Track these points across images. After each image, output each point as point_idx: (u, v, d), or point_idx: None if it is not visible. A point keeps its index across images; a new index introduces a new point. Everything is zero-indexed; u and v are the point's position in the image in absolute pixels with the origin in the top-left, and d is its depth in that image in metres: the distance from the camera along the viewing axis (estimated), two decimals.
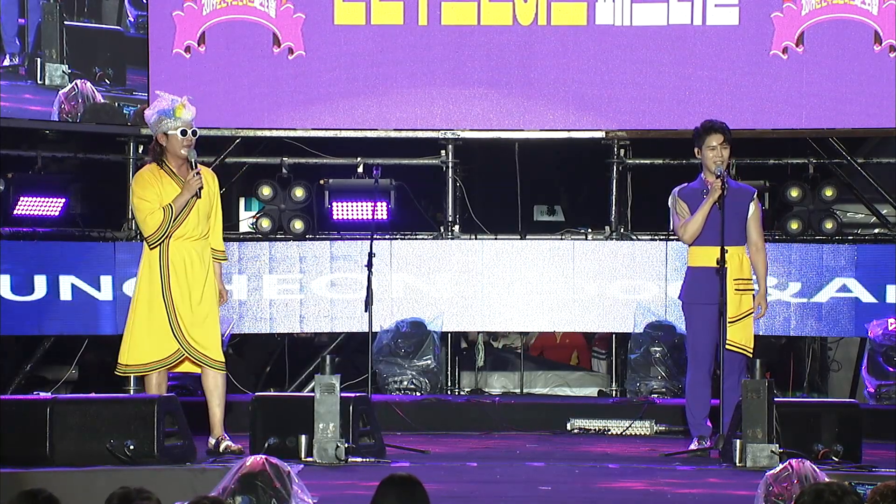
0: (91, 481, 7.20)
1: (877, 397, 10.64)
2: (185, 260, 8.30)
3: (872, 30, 11.13)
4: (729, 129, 8.76)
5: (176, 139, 8.34)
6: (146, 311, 8.28)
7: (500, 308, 11.25)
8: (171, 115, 8.32)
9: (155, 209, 8.23)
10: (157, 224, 8.22)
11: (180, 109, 8.36)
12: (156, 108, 8.41)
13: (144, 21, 11.29)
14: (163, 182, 8.31)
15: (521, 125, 11.33)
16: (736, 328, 8.60)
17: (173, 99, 8.39)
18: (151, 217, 8.22)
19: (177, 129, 8.33)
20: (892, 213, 11.63)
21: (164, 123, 8.34)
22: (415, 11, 11.25)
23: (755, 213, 8.74)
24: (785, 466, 5.71)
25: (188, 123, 8.35)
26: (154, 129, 8.40)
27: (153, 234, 8.24)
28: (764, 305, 8.76)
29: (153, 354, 8.30)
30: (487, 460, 8.51)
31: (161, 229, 8.23)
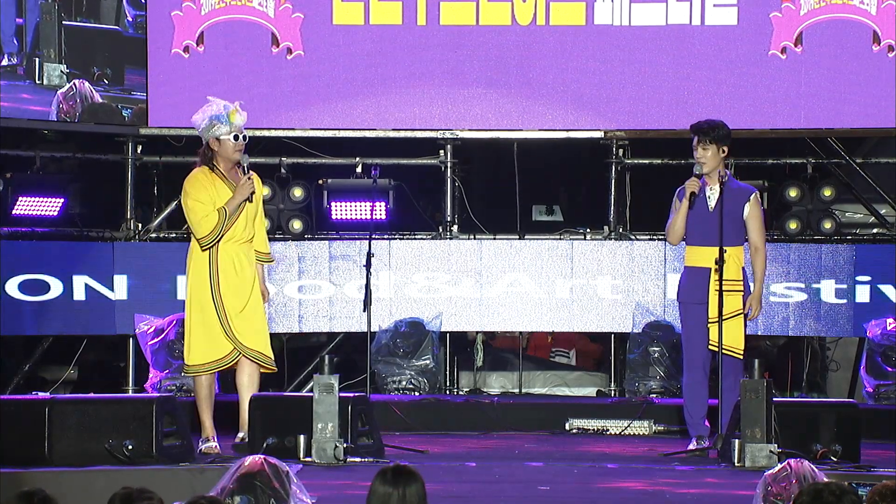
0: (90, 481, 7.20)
1: (875, 397, 10.65)
2: (235, 262, 8.41)
3: (871, 30, 11.13)
4: (713, 129, 8.71)
5: (228, 143, 8.46)
6: (200, 313, 8.38)
7: (499, 308, 11.25)
8: (225, 121, 8.45)
9: (210, 211, 8.34)
10: (211, 226, 8.33)
11: (234, 115, 8.50)
12: (207, 113, 8.52)
13: (143, 21, 11.29)
14: (215, 185, 8.42)
15: (520, 125, 11.33)
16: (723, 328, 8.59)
17: (225, 104, 8.52)
18: (206, 219, 8.33)
19: (229, 134, 8.47)
20: (891, 213, 11.63)
21: (216, 128, 8.46)
22: (413, 11, 11.24)
23: (751, 213, 8.69)
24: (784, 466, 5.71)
25: (240, 128, 8.48)
26: (204, 133, 8.52)
27: (207, 236, 8.35)
28: (756, 307, 8.65)
29: (210, 355, 8.41)
30: (486, 460, 8.51)
31: (215, 232, 8.34)
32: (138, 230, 11.52)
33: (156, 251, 11.35)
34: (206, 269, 8.38)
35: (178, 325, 10.83)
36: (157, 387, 10.70)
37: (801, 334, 11.30)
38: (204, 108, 8.60)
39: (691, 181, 8.67)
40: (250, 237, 8.48)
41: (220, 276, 8.38)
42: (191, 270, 8.44)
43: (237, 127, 8.47)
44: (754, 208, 8.71)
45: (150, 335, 10.85)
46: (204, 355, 8.41)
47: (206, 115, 8.51)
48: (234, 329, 8.39)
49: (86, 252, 11.20)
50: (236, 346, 8.39)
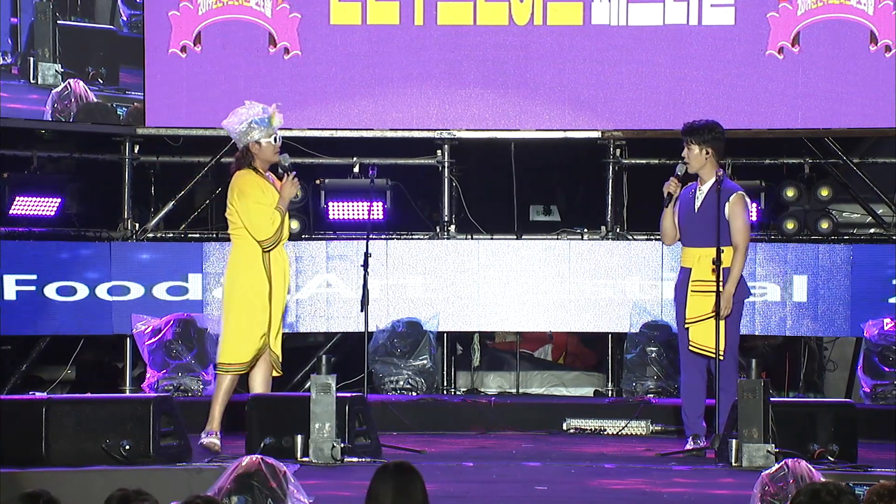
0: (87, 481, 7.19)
1: (873, 397, 10.65)
2: (283, 265, 8.55)
3: (868, 30, 11.13)
4: (698, 129, 8.72)
5: (270, 146, 8.54)
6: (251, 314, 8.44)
7: (497, 308, 11.25)
8: (267, 124, 8.50)
9: (273, 213, 8.45)
10: (276, 227, 8.45)
11: (275, 118, 8.55)
12: (245, 116, 8.55)
13: (138, 20, 11.28)
14: (262, 187, 8.50)
15: (518, 125, 11.33)
16: (696, 329, 8.59)
17: (264, 107, 8.58)
18: (270, 221, 8.44)
19: (270, 137, 8.51)
20: (888, 213, 11.64)
21: (257, 132, 8.52)
22: (411, 11, 11.24)
23: (731, 212, 8.65)
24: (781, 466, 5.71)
25: (278, 131, 8.55)
26: (242, 137, 8.56)
27: (271, 237, 8.46)
28: (722, 305, 8.48)
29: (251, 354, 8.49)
30: (483, 460, 8.51)
31: (277, 233, 8.46)
32: (135, 230, 11.52)
33: (153, 251, 11.34)
34: (262, 272, 8.47)
35: (175, 326, 10.83)
36: (154, 387, 10.70)
37: (798, 334, 11.30)
38: (238, 112, 8.63)
39: (668, 182, 8.71)
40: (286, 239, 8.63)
41: (273, 279, 8.48)
42: (243, 272, 8.47)
43: (276, 129, 8.55)
44: (735, 208, 8.65)
45: (147, 335, 10.85)
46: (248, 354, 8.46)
47: (244, 118, 8.55)
48: (271, 330, 8.52)
49: (83, 252, 11.20)
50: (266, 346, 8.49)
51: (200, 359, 10.83)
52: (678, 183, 8.74)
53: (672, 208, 8.78)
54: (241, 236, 8.52)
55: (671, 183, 8.72)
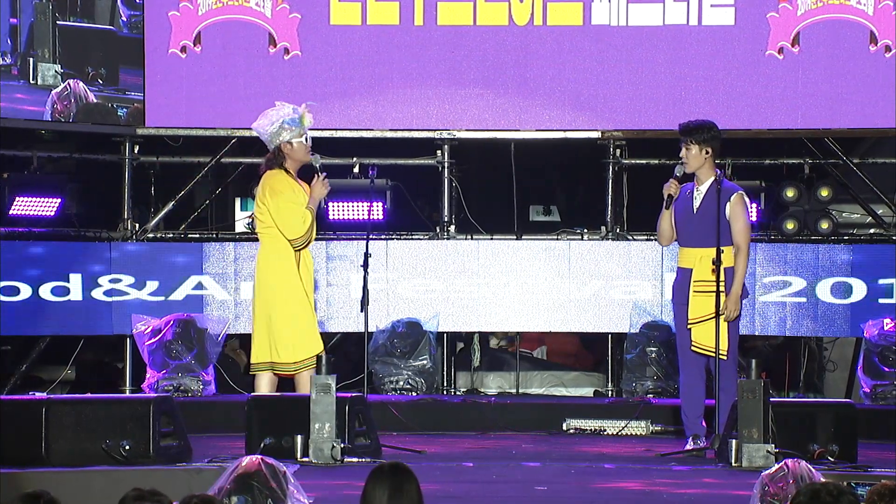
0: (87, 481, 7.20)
1: (872, 397, 10.65)
2: (310, 264, 8.64)
3: (868, 30, 11.13)
4: (696, 129, 8.72)
5: (302, 146, 8.62)
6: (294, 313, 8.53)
7: (496, 308, 11.24)
8: (298, 124, 8.54)
9: (305, 213, 8.54)
10: (308, 226, 8.55)
11: (306, 118, 8.58)
12: (275, 117, 8.59)
13: (138, 21, 11.28)
14: (294, 188, 8.57)
15: (517, 125, 11.33)
16: (697, 329, 8.59)
17: (295, 108, 8.63)
18: (303, 221, 8.52)
19: (301, 137, 8.58)
20: (888, 213, 11.63)
21: (287, 132, 8.58)
22: (411, 11, 11.24)
23: (732, 213, 8.66)
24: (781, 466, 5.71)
25: (307, 130, 8.61)
26: (273, 138, 8.62)
27: (303, 235, 8.56)
28: (731, 308, 8.52)
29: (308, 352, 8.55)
30: (483, 460, 8.51)
31: (310, 231, 8.56)
32: (135, 230, 11.51)
33: (153, 251, 11.34)
34: (295, 271, 8.54)
35: (174, 326, 10.84)
36: (154, 387, 10.70)
37: (798, 334, 11.30)
38: (269, 113, 8.67)
39: (668, 183, 8.71)
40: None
41: (303, 277, 8.54)
42: (275, 271, 8.53)
43: (307, 129, 8.61)
44: (736, 208, 8.66)
45: (147, 335, 10.84)
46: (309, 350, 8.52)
47: (275, 119, 8.58)
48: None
49: (83, 252, 11.20)
50: None
51: (200, 359, 10.82)
52: (678, 184, 8.75)
53: (671, 209, 8.77)
54: (272, 235, 8.58)
55: (671, 184, 8.72)
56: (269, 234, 8.59)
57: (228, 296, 11.22)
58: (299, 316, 8.56)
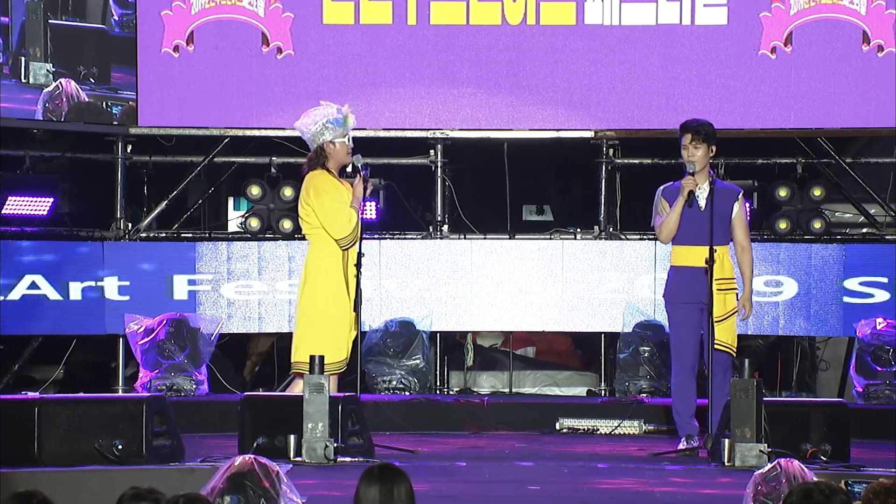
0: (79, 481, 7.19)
1: (865, 397, 10.66)
2: (352, 264, 8.60)
3: (861, 30, 11.14)
4: (704, 128, 8.74)
5: (344, 146, 8.64)
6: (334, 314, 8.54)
7: (489, 308, 11.24)
8: (341, 124, 8.55)
9: (351, 213, 8.52)
10: (353, 225, 8.53)
11: (349, 118, 8.61)
12: (319, 117, 8.62)
13: (129, 20, 11.26)
14: (337, 187, 8.58)
15: (510, 125, 11.33)
16: (721, 327, 8.62)
17: (338, 108, 8.66)
18: (349, 220, 8.51)
19: (344, 137, 8.60)
20: (881, 212, 11.65)
21: (331, 132, 8.60)
22: (403, 11, 11.24)
23: (739, 212, 8.73)
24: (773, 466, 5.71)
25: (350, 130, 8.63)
26: (316, 137, 8.64)
27: (349, 235, 8.55)
28: (748, 307, 8.73)
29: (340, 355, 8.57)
30: (476, 460, 8.51)
31: (355, 231, 8.54)
32: (128, 230, 11.51)
33: (146, 251, 11.33)
34: (340, 271, 8.56)
35: (167, 325, 10.83)
36: (146, 386, 10.69)
37: (790, 334, 11.31)
38: (311, 113, 8.69)
39: (688, 180, 8.69)
40: None
41: (348, 278, 8.57)
42: (321, 271, 8.55)
43: (350, 129, 8.63)
44: (741, 207, 8.77)
45: (139, 335, 10.84)
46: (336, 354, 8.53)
47: (318, 118, 8.61)
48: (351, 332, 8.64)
49: (76, 251, 11.18)
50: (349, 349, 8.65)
51: (193, 358, 10.82)
52: (695, 181, 8.73)
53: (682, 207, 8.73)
54: (319, 235, 8.61)
55: (692, 181, 8.69)
56: (316, 235, 8.63)
57: (221, 295, 11.22)
58: (337, 320, 8.57)
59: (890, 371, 10.64)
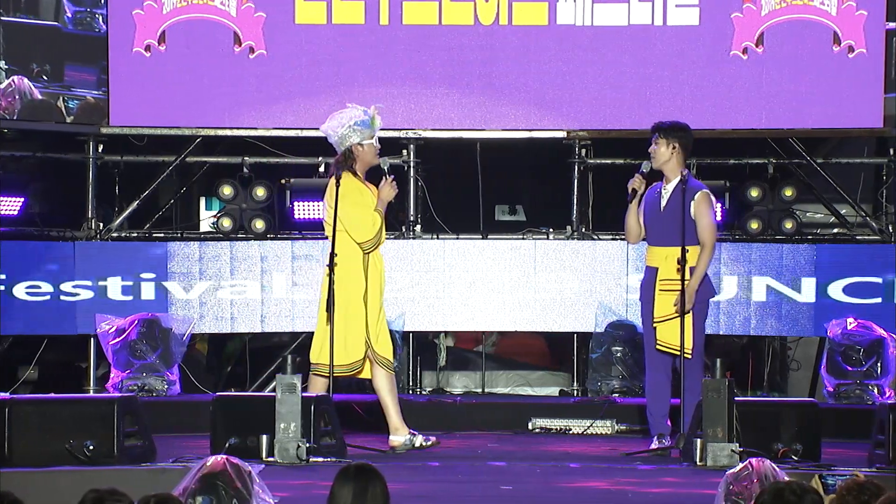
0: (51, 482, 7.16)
1: (836, 396, 10.70)
2: (380, 267, 8.66)
3: (831, 30, 11.18)
4: (666, 129, 8.77)
5: (372, 148, 8.67)
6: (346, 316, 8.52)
7: (462, 308, 11.24)
8: (369, 126, 8.55)
9: (375, 217, 8.55)
10: (377, 229, 8.57)
11: (376, 120, 8.62)
12: (346, 119, 8.61)
13: (83, 17, 11.17)
14: (362, 190, 8.61)
15: (483, 125, 11.34)
16: (663, 328, 8.62)
17: (365, 110, 8.67)
18: (373, 224, 8.55)
19: (372, 139, 8.60)
20: (852, 213, 11.69)
21: (360, 134, 8.61)
22: (376, 11, 11.23)
23: (697, 211, 8.70)
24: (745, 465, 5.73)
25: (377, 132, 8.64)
26: (344, 140, 8.64)
27: (372, 239, 8.59)
28: (687, 300, 8.50)
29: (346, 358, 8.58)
30: (449, 460, 8.51)
31: (379, 234, 8.57)
32: (100, 230, 11.46)
33: (117, 251, 11.30)
34: (361, 273, 8.57)
35: (139, 325, 10.79)
36: (118, 387, 10.65)
37: (762, 334, 11.35)
38: (337, 115, 8.69)
39: (633, 178, 8.75)
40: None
41: (368, 281, 8.58)
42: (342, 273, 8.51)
43: (377, 131, 8.65)
44: (700, 206, 8.71)
45: (111, 335, 10.80)
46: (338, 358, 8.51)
47: (345, 121, 8.61)
48: (371, 334, 8.60)
49: (47, 251, 11.14)
50: (368, 351, 8.61)
51: (165, 359, 10.79)
52: (643, 179, 8.78)
53: (636, 206, 8.81)
54: (341, 237, 8.62)
55: (636, 179, 8.76)
56: (339, 237, 8.62)
57: (193, 295, 11.19)
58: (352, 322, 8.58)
59: (860, 371, 10.67)
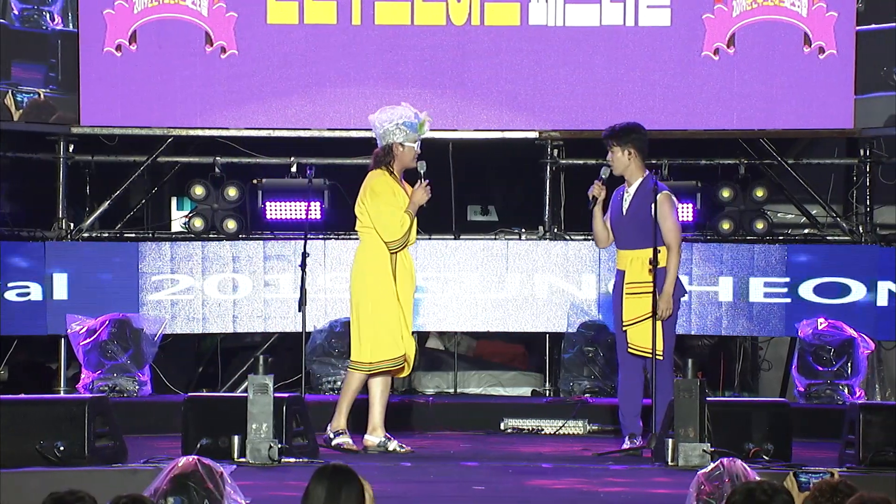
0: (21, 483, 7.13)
1: (807, 396, 10.74)
2: (410, 268, 8.66)
3: (802, 31, 11.22)
4: (618, 133, 8.78)
5: (412, 151, 8.69)
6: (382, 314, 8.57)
7: (434, 308, 11.24)
8: (416, 129, 8.59)
9: (403, 217, 8.56)
10: (405, 229, 8.57)
11: (425, 125, 8.69)
12: (394, 117, 8.59)
13: (30, 14, 11.09)
14: (394, 190, 8.62)
15: (455, 125, 11.34)
16: (633, 331, 8.64)
17: (416, 113, 8.71)
18: (401, 224, 8.55)
19: (415, 143, 8.62)
20: (822, 213, 11.74)
21: (404, 134, 8.63)
22: (348, 11, 11.22)
23: (659, 213, 8.69)
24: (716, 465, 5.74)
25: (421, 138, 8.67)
26: (386, 135, 8.65)
27: (399, 238, 8.58)
28: (663, 307, 8.56)
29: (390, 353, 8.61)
30: (421, 460, 8.51)
31: (406, 235, 8.57)
32: (70, 230, 11.42)
33: (88, 251, 11.26)
34: (389, 272, 8.59)
35: (110, 326, 10.76)
36: (89, 387, 10.62)
37: (733, 334, 11.38)
38: (388, 110, 8.71)
39: (592, 186, 8.77)
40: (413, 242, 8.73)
41: (398, 280, 8.59)
42: (371, 271, 8.58)
43: (422, 136, 8.68)
44: (662, 208, 8.70)
45: (82, 335, 10.76)
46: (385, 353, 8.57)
47: (394, 119, 8.60)
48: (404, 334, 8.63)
49: (17, 252, 11.09)
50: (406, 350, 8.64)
51: (136, 359, 10.76)
52: (602, 186, 8.78)
53: (600, 211, 8.82)
54: (371, 236, 8.66)
55: (595, 186, 8.78)
56: (368, 234, 8.69)
57: (164, 296, 11.16)
58: (383, 318, 8.61)
59: (831, 371, 10.72)
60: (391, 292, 8.61)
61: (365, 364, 8.64)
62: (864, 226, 11.50)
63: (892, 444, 7.78)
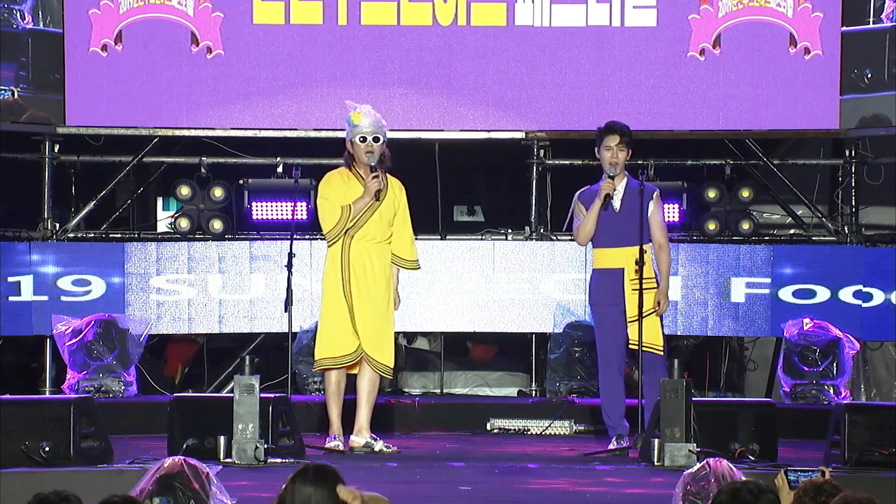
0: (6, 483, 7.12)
1: (792, 396, 10.75)
2: (366, 261, 8.68)
3: (788, 32, 11.24)
4: (628, 132, 8.84)
5: (357, 146, 8.72)
6: (330, 309, 8.67)
7: (420, 308, 11.24)
8: (350, 123, 8.72)
9: (334, 208, 8.63)
10: (334, 222, 8.63)
11: (356, 116, 8.78)
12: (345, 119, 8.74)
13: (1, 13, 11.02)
14: (349, 185, 8.72)
15: (441, 125, 11.34)
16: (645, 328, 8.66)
17: (352, 106, 8.74)
18: (330, 215, 8.65)
19: (356, 136, 8.69)
20: (808, 213, 11.76)
21: (348, 131, 8.75)
22: (334, 11, 11.22)
23: (655, 211, 8.79)
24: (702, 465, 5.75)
25: (368, 130, 8.71)
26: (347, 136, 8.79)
27: (330, 230, 8.68)
28: (664, 302, 8.76)
29: (335, 350, 8.66)
30: (407, 460, 8.51)
31: (337, 227, 8.63)
32: (56, 230, 11.40)
33: (74, 251, 11.24)
34: (338, 267, 8.66)
35: (95, 326, 10.74)
36: (74, 388, 10.59)
37: (719, 334, 11.39)
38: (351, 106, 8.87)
39: (607, 183, 8.77)
40: (386, 238, 8.77)
41: (350, 275, 8.65)
42: (326, 266, 8.74)
43: (363, 129, 8.71)
44: (657, 206, 8.82)
45: (67, 336, 10.74)
46: (329, 350, 8.65)
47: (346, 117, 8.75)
48: (359, 330, 8.64)
49: (2, 252, 11.06)
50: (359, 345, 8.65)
51: (122, 360, 10.74)
52: (613, 184, 8.82)
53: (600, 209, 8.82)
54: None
55: (610, 184, 8.78)
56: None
57: (150, 296, 11.14)
58: (325, 317, 8.72)
59: (816, 371, 10.73)
60: (335, 291, 8.68)
61: (315, 361, 8.81)
62: (850, 226, 11.53)
63: (878, 444, 7.80)
